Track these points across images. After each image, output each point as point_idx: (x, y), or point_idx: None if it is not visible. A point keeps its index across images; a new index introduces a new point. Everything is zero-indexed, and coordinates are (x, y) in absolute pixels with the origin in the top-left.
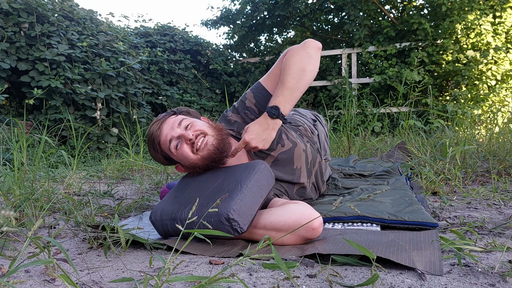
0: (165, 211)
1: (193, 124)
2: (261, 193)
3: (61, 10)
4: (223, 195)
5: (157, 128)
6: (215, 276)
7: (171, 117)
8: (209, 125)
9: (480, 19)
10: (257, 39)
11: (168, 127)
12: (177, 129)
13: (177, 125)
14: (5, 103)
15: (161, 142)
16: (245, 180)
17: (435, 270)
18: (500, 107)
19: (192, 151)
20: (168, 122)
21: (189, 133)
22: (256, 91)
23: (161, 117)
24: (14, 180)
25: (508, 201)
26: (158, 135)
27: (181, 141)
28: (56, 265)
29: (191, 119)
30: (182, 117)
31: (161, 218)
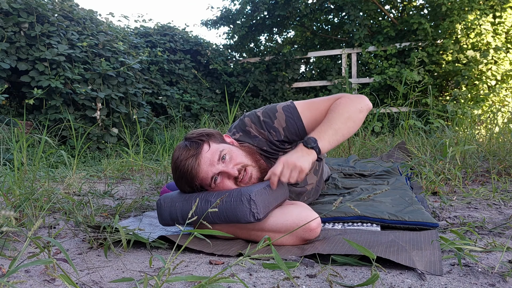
0: (178, 197)
1: (232, 156)
2: (277, 198)
3: (61, 10)
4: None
5: (196, 165)
6: (215, 276)
7: (204, 150)
8: (242, 151)
9: (480, 19)
10: (257, 39)
11: (206, 163)
12: (218, 166)
13: (217, 160)
14: (5, 103)
15: (201, 178)
16: (266, 183)
17: (435, 270)
18: (500, 107)
19: (235, 183)
20: (206, 158)
21: (234, 170)
22: (289, 116)
23: (193, 151)
24: (14, 180)
25: (508, 201)
26: (197, 173)
27: (222, 176)
28: (56, 265)
29: (224, 148)
30: (216, 147)
31: (172, 201)
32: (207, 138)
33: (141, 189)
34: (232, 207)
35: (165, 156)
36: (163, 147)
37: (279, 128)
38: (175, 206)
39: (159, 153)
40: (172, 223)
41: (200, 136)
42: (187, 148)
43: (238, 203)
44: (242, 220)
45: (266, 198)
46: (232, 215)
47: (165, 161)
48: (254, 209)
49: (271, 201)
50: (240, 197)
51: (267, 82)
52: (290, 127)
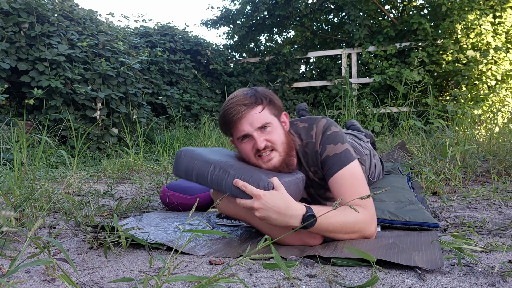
0: (199, 155)
1: (271, 132)
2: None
3: (61, 10)
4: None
5: (240, 115)
6: (215, 276)
7: (256, 109)
8: (283, 137)
9: (480, 19)
10: (257, 39)
11: (249, 120)
12: (255, 131)
13: (258, 126)
14: (5, 103)
15: (236, 128)
16: (287, 176)
17: (436, 265)
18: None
19: (254, 155)
20: (251, 116)
21: (262, 143)
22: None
23: (248, 103)
24: (14, 180)
25: (508, 201)
26: (236, 121)
27: (250, 139)
28: (56, 265)
29: (272, 123)
30: (266, 116)
31: (192, 157)
32: (267, 103)
33: (141, 189)
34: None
35: (165, 156)
36: (163, 147)
37: (323, 156)
38: (193, 163)
39: (159, 153)
40: (184, 177)
41: (264, 95)
42: (246, 96)
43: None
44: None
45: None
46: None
47: (165, 161)
48: (266, 180)
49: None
50: (258, 182)
51: (267, 82)
52: (328, 163)
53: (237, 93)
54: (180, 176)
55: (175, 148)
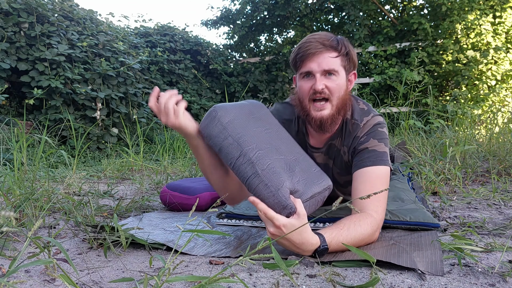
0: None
1: (333, 82)
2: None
3: (61, 10)
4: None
5: (312, 51)
6: (215, 276)
7: (331, 54)
8: (343, 93)
9: (480, 19)
10: (257, 39)
11: (318, 60)
12: (319, 72)
13: (324, 69)
14: (5, 103)
15: (304, 62)
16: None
17: (437, 271)
18: (500, 107)
19: (309, 97)
20: (322, 58)
21: (320, 85)
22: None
23: (328, 44)
24: (14, 180)
25: (508, 201)
26: (308, 55)
27: (310, 78)
28: (56, 265)
29: (339, 73)
30: (337, 64)
31: (224, 129)
32: (344, 53)
33: (141, 189)
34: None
35: (165, 156)
36: (163, 147)
37: (362, 146)
38: (224, 136)
39: (159, 153)
40: (208, 141)
41: (346, 45)
42: (328, 38)
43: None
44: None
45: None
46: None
47: (165, 161)
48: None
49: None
50: (284, 205)
51: (267, 82)
52: (363, 155)
53: (321, 32)
54: (205, 136)
55: (175, 148)
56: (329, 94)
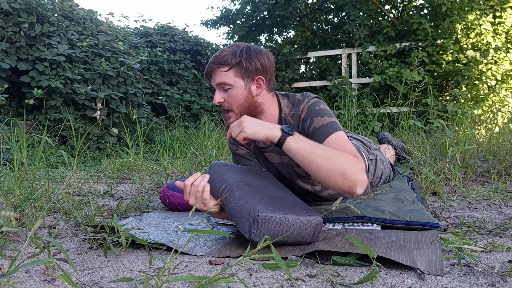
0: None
1: (230, 93)
2: (295, 236)
3: (61, 10)
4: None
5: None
6: (215, 276)
7: (222, 68)
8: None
9: (480, 19)
10: (257, 39)
11: (214, 76)
12: (216, 87)
13: (217, 84)
14: (5, 103)
15: (207, 79)
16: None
17: (436, 270)
18: (500, 107)
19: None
20: (216, 72)
21: (218, 98)
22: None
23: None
24: (14, 180)
25: (508, 201)
26: (207, 73)
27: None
28: (56, 265)
29: (234, 85)
30: (229, 77)
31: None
32: (236, 65)
33: (141, 189)
34: (239, 213)
35: (165, 156)
36: (163, 147)
37: (311, 129)
38: (215, 178)
39: (159, 153)
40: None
41: (238, 56)
42: (223, 54)
43: (242, 212)
44: (240, 230)
45: (275, 228)
46: (236, 219)
47: (165, 161)
48: (253, 229)
49: (281, 233)
50: (249, 211)
51: None
52: (316, 135)
53: (223, 49)
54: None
55: (175, 148)
56: (228, 105)
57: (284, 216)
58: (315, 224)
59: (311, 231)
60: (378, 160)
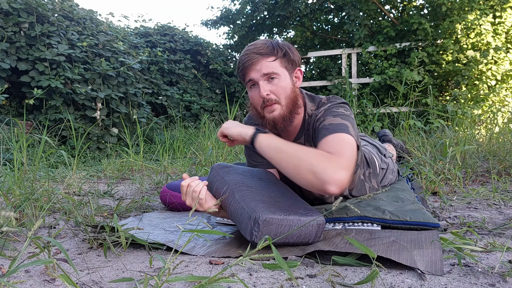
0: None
1: (277, 85)
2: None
3: (61, 10)
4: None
5: (251, 62)
6: (215, 276)
7: (268, 59)
8: (289, 91)
9: (480, 19)
10: (257, 39)
11: (257, 68)
12: (261, 78)
13: (265, 74)
14: (5, 103)
15: (246, 73)
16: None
17: (436, 270)
18: (500, 107)
19: (261, 104)
20: (262, 64)
21: (264, 92)
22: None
23: (263, 51)
24: (14, 180)
25: (508, 201)
26: (246, 67)
27: (257, 86)
28: (56, 265)
29: (281, 75)
30: (275, 67)
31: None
32: (281, 55)
33: (141, 189)
34: (239, 215)
35: (165, 156)
36: (163, 147)
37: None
38: (216, 180)
39: (159, 153)
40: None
41: (281, 47)
42: (263, 45)
43: (243, 214)
44: (241, 232)
45: (276, 229)
46: (238, 221)
47: (165, 161)
48: (254, 231)
49: (283, 234)
50: (250, 213)
51: None
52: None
53: (257, 42)
54: (208, 186)
55: (175, 148)
56: (275, 97)
57: (285, 217)
58: (317, 224)
59: (314, 231)
60: (389, 170)
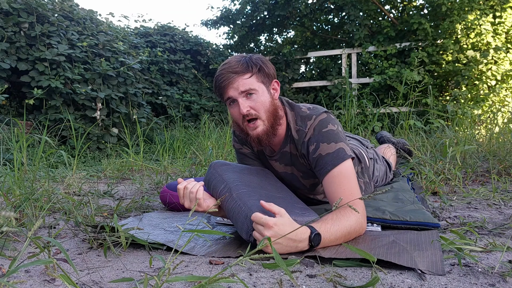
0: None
1: (256, 100)
2: None
3: (61, 10)
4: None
5: (228, 82)
6: (215, 276)
7: (244, 76)
8: (268, 105)
9: (480, 19)
10: (257, 39)
11: (235, 86)
12: (240, 96)
13: (243, 92)
14: (5, 103)
15: (224, 93)
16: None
17: (437, 270)
18: (500, 107)
19: (242, 120)
20: (239, 82)
21: (245, 109)
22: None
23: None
24: (14, 180)
25: (508, 201)
26: (224, 86)
27: (236, 104)
28: (56, 265)
29: (258, 90)
30: (252, 83)
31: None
32: (256, 71)
33: (141, 189)
34: (236, 213)
35: (165, 156)
36: (163, 147)
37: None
38: (214, 178)
39: (159, 153)
40: (207, 187)
41: (256, 63)
42: (238, 63)
43: (240, 213)
44: (238, 231)
45: None
46: (234, 220)
47: (165, 161)
48: (251, 230)
49: None
50: (247, 212)
51: None
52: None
53: (230, 60)
54: (206, 185)
55: (175, 148)
56: (256, 113)
57: (300, 219)
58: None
59: None
60: (375, 159)
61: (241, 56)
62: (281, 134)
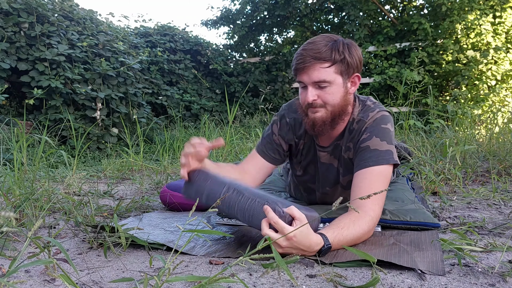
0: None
1: (327, 91)
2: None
3: (61, 10)
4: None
5: (303, 64)
6: (215, 276)
7: (324, 64)
8: (339, 100)
9: (480, 19)
10: (257, 39)
11: (309, 72)
12: (310, 84)
13: (316, 79)
14: (5, 103)
15: (298, 75)
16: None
17: (437, 270)
18: (500, 107)
19: (305, 104)
20: (314, 68)
21: (311, 97)
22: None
23: (319, 55)
24: (14, 180)
25: (508, 201)
26: (300, 68)
27: (305, 88)
28: (56, 265)
29: (333, 82)
30: (329, 74)
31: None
32: (339, 61)
33: (141, 189)
34: (254, 210)
35: (165, 156)
36: (163, 147)
37: (364, 144)
38: (206, 182)
39: (159, 153)
40: (194, 198)
41: (341, 52)
42: (323, 47)
43: (261, 211)
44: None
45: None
46: (252, 218)
47: (165, 161)
48: None
49: None
50: (272, 205)
51: (267, 82)
52: (364, 154)
53: (318, 40)
54: (190, 197)
55: (175, 148)
56: (321, 103)
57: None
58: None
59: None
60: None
61: (329, 39)
62: (339, 130)
